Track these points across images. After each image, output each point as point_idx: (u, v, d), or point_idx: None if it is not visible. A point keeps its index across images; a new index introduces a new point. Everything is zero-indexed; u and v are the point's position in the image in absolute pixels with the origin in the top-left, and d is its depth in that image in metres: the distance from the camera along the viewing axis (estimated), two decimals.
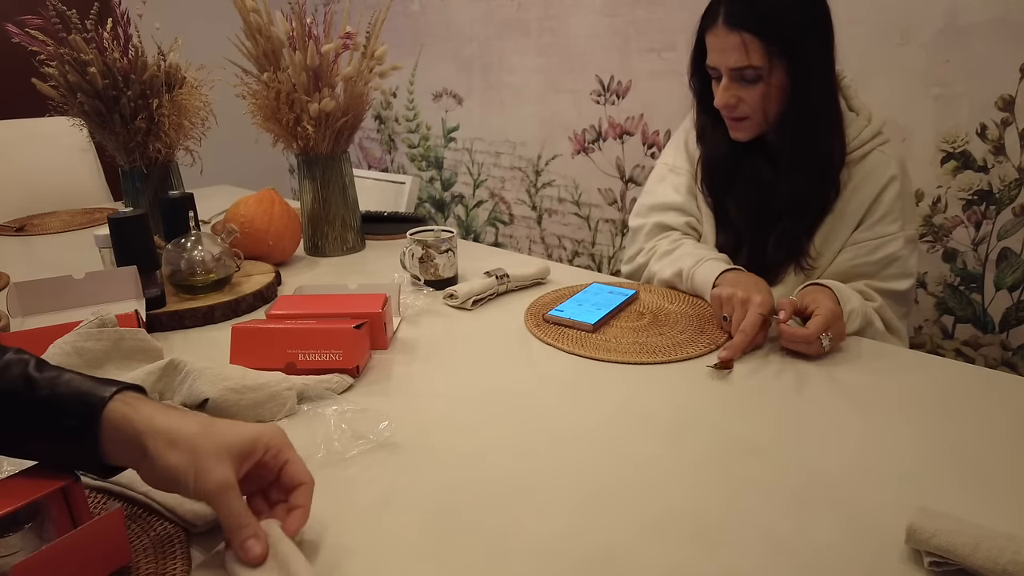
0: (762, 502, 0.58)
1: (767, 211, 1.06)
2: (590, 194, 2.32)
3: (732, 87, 0.98)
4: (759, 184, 1.06)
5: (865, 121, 1.02)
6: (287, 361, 0.79)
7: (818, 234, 1.03)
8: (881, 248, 1.00)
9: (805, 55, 0.97)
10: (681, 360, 0.85)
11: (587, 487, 0.60)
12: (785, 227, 1.04)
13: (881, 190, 1.00)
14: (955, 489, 0.59)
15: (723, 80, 0.99)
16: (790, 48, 0.95)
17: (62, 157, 1.98)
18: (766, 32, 0.94)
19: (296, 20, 1.19)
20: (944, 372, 0.82)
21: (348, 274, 1.23)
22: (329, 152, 1.28)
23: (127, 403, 0.48)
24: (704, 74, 1.05)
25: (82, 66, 1.19)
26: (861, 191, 1.01)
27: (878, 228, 1.00)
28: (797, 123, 1.00)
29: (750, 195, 1.08)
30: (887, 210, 1.00)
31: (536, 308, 1.01)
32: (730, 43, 0.95)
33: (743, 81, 0.98)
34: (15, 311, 0.95)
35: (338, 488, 0.60)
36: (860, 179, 1.01)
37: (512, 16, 2.36)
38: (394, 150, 3.01)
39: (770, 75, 0.96)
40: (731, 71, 0.97)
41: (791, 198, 1.02)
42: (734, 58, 0.95)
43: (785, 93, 0.99)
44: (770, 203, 1.05)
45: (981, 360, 1.62)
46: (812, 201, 1.02)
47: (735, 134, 1.04)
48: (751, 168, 1.07)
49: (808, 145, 1.00)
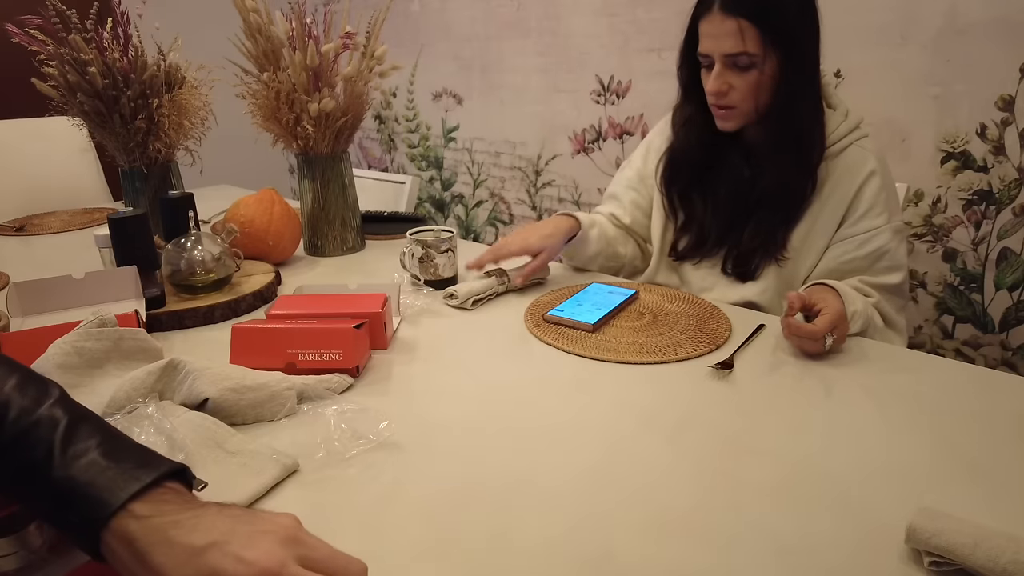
0: (762, 502, 0.58)
1: (742, 206, 1.07)
2: (590, 194, 2.32)
3: (724, 74, 0.99)
4: (735, 180, 1.07)
5: (842, 116, 1.04)
6: (287, 361, 0.79)
7: (797, 229, 1.04)
8: (869, 242, 1.00)
9: (798, 46, 0.98)
10: (681, 360, 0.85)
11: (587, 487, 0.60)
12: (761, 217, 1.05)
13: (861, 184, 1.01)
14: (955, 489, 0.59)
15: (715, 67, 0.99)
16: (784, 38, 0.96)
17: (62, 157, 1.98)
18: (763, 20, 0.95)
19: (296, 20, 1.19)
20: (944, 372, 0.82)
21: (348, 274, 1.23)
22: (329, 152, 1.28)
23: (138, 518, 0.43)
24: (693, 63, 1.06)
25: (82, 66, 1.19)
26: (841, 186, 1.02)
27: (864, 223, 1.01)
28: (784, 113, 1.00)
29: (726, 191, 1.09)
30: (871, 204, 1.01)
31: (536, 308, 1.01)
32: (726, 29, 0.96)
33: (736, 68, 0.98)
34: (15, 311, 0.95)
35: (338, 488, 0.60)
36: (839, 174, 1.02)
37: (512, 16, 2.36)
38: (394, 150, 3.01)
39: (763, 63, 0.97)
40: (725, 57, 0.98)
41: (769, 189, 1.03)
42: (729, 44, 0.96)
43: (774, 84, 0.99)
44: (745, 198, 1.06)
45: (981, 360, 1.62)
46: (790, 192, 1.03)
47: (722, 123, 1.04)
48: (727, 163, 1.08)
49: (792, 136, 1.01)
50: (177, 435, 0.63)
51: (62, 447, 0.45)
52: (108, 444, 0.46)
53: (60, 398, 0.48)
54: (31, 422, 0.46)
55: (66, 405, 0.48)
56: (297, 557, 0.42)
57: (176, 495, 0.45)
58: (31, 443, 0.45)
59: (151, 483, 0.44)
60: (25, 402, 0.47)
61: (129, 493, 0.43)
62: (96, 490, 0.43)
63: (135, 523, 0.42)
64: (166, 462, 0.46)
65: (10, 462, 0.45)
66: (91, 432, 0.47)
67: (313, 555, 0.43)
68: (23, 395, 0.47)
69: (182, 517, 0.43)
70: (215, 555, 0.41)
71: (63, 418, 0.47)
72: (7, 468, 0.45)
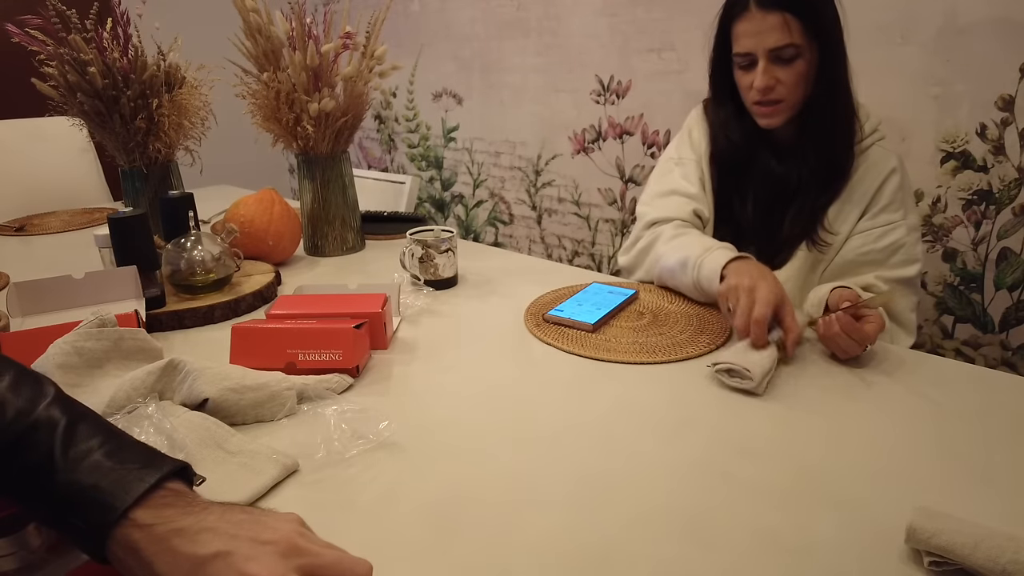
0: (761, 502, 0.58)
1: (777, 200, 1.08)
2: (590, 194, 2.32)
3: (771, 69, 1.01)
4: (772, 177, 1.09)
5: (865, 115, 1.07)
6: (287, 361, 0.79)
7: (830, 212, 1.06)
8: (887, 235, 1.03)
9: (833, 36, 1.01)
10: (681, 360, 0.85)
11: (586, 486, 0.60)
12: (803, 203, 1.07)
13: (883, 181, 1.04)
14: (955, 489, 0.59)
15: (760, 63, 1.01)
16: (822, 29, 1.00)
17: (62, 157, 1.98)
18: (804, 11, 0.98)
19: (296, 20, 1.19)
20: (944, 372, 0.82)
21: (348, 274, 1.23)
22: (329, 152, 1.28)
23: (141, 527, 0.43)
24: (725, 67, 1.07)
25: (82, 66, 1.19)
26: (865, 180, 1.05)
27: (882, 217, 1.03)
28: (828, 101, 1.03)
29: (762, 188, 1.10)
30: (889, 200, 1.03)
31: (536, 308, 1.01)
32: (769, 23, 0.98)
33: (780, 62, 1.00)
34: (15, 311, 0.95)
35: (338, 488, 0.60)
36: (864, 169, 1.05)
37: (512, 16, 2.36)
38: (394, 150, 3.01)
39: (808, 54, 1.00)
40: (769, 52, 1.00)
41: (813, 173, 1.05)
42: (775, 38, 0.98)
43: (814, 76, 1.02)
44: (780, 195, 1.08)
45: (981, 360, 1.62)
46: (831, 177, 1.05)
47: (766, 120, 1.06)
48: (762, 162, 1.10)
49: (837, 120, 1.04)
50: (177, 435, 0.63)
51: (63, 449, 0.45)
52: (109, 444, 0.46)
53: (56, 397, 0.48)
54: (28, 424, 0.45)
55: (63, 404, 0.48)
56: (300, 567, 0.42)
57: (178, 497, 0.45)
58: (30, 446, 0.45)
59: (155, 484, 0.44)
60: (21, 403, 0.46)
61: (134, 497, 0.43)
62: (100, 494, 0.43)
63: (138, 532, 0.43)
64: (168, 461, 0.46)
65: (10, 466, 0.45)
66: (91, 432, 0.47)
67: (316, 562, 0.43)
68: (18, 395, 0.47)
69: (185, 524, 0.43)
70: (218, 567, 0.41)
71: (61, 419, 0.46)
72: (7, 472, 0.45)
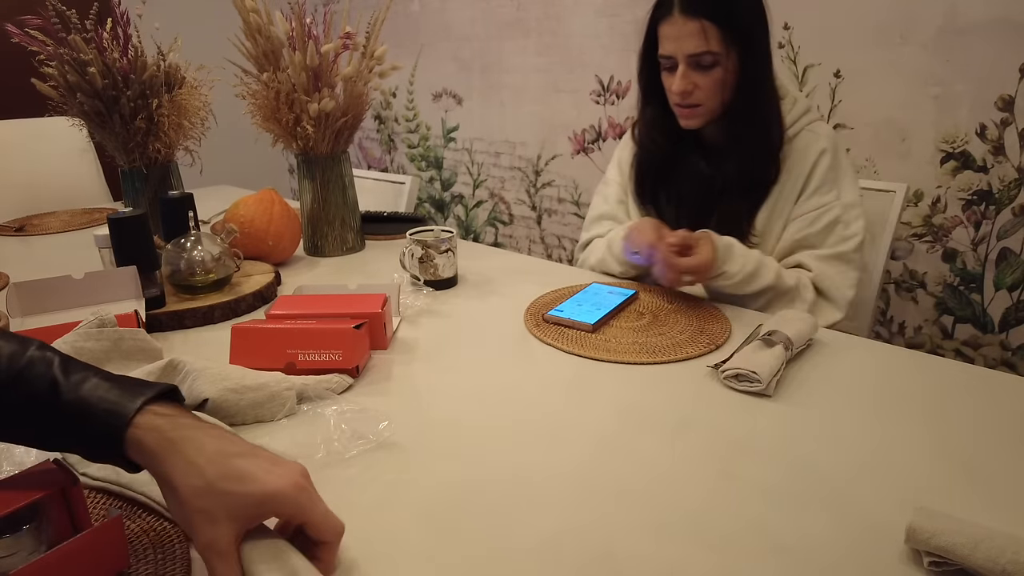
0: (761, 502, 0.58)
1: (705, 201, 1.10)
2: (590, 194, 2.31)
3: (689, 74, 1.02)
4: (698, 178, 1.11)
5: (791, 103, 1.08)
6: (287, 361, 0.79)
7: (761, 212, 1.08)
8: (820, 218, 1.05)
9: (755, 42, 1.02)
10: (681, 360, 0.85)
11: (587, 487, 0.60)
12: (728, 206, 1.09)
13: (813, 164, 1.06)
14: (955, 489, 0.59)
15: (679, 68, 1.03)
16: (742, 35, 1.01)
17: (62, 157, 1.98)
18: (723, 19, 0.99)
19: (296, 20, 1.19)
20: (944, 372, 0.82)
21: (348, 274, 1.23)
22: (329, 152, 1.28)
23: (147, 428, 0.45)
24: (652, 67, 1.09)
25: (82, 66, 1.19)
26: (795, 168, 1.07)
27: (814, 199, 1.06)
28: (746, 107, 1.05)
29: (689, 188, 1.12)
30: (820, 182, 1.06)
31: (536, 308, 1.01)
32: (688, 30, 0.99)
33: (699, 68, 1.02)
34: (15, 311, 0.95)
35: (338, 488, 0.60)
36: (794, 158, 1.07)
37: (512, 16, 2.36)
38: (394, 150, 3.01)
39: (726, 61, 1.01)
40: (688, 58, 1.01)
41: (734, 178, 1.07)
42: (692, 44, 1.00)
43: (735, 79, 1.03)
44: (708, 193, 1.10)
45: (981, 360, 1.62)
46: (756, 179, 1.07)
47: (687, 122, 1.08)
48: (687, 162, 1.12)
49: (755, 127, 1.06)
50: None
51: (64, 376, 0.47)
52: (104, 373, 0.49)
53: (43, 344, 0.50)
54: (23, 363, 0.47)
55: (51, 348, 0.50)
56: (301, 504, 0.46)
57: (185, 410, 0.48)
58: (29, 379, 0.47)
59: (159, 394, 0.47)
60: (12, 347, 0.48)
61: (146, 397, 0.46)
62: (110, 403, 0.46)
63: (160, 419, 0.46)
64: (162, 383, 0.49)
65: (11, 401, 0.46)
66: (84, 366, 0.49)
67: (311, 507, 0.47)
68: (8, 342, 0.48)
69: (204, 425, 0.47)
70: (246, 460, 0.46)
71: (55, 356, 0.48)
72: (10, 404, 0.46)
